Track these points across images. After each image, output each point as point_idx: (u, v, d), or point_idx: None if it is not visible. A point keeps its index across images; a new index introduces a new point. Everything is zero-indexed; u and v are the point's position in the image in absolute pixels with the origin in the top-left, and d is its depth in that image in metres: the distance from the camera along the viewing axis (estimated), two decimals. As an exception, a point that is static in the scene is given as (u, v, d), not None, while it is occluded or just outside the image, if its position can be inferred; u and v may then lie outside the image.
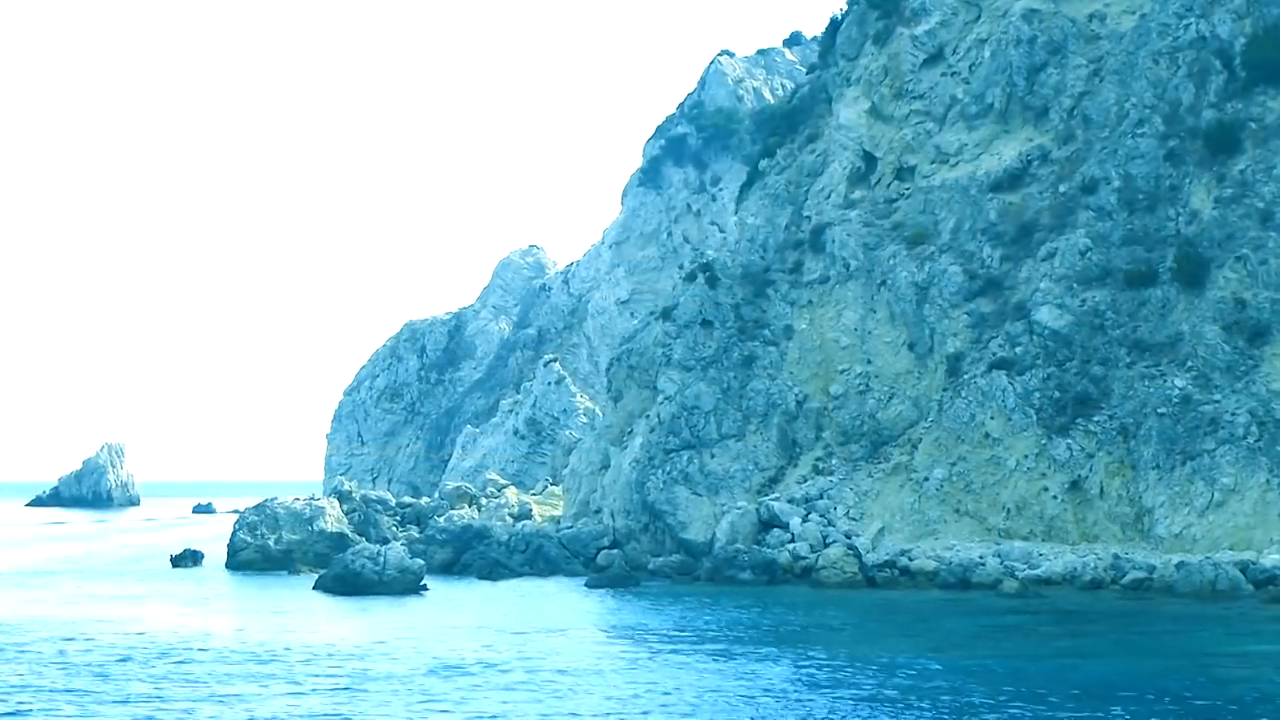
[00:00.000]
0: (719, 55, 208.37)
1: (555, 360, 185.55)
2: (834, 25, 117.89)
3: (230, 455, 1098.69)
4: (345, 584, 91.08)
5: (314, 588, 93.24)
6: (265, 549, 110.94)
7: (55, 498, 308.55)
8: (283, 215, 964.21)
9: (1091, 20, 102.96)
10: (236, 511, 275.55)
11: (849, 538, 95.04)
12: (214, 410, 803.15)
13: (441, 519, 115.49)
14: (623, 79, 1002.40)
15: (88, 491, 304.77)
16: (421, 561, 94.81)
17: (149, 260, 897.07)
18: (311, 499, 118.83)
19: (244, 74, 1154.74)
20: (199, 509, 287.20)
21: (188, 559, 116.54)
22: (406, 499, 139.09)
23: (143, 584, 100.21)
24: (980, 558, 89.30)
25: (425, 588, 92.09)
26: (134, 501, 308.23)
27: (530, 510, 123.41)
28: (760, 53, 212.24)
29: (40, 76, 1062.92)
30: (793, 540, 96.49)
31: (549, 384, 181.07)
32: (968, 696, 48.87)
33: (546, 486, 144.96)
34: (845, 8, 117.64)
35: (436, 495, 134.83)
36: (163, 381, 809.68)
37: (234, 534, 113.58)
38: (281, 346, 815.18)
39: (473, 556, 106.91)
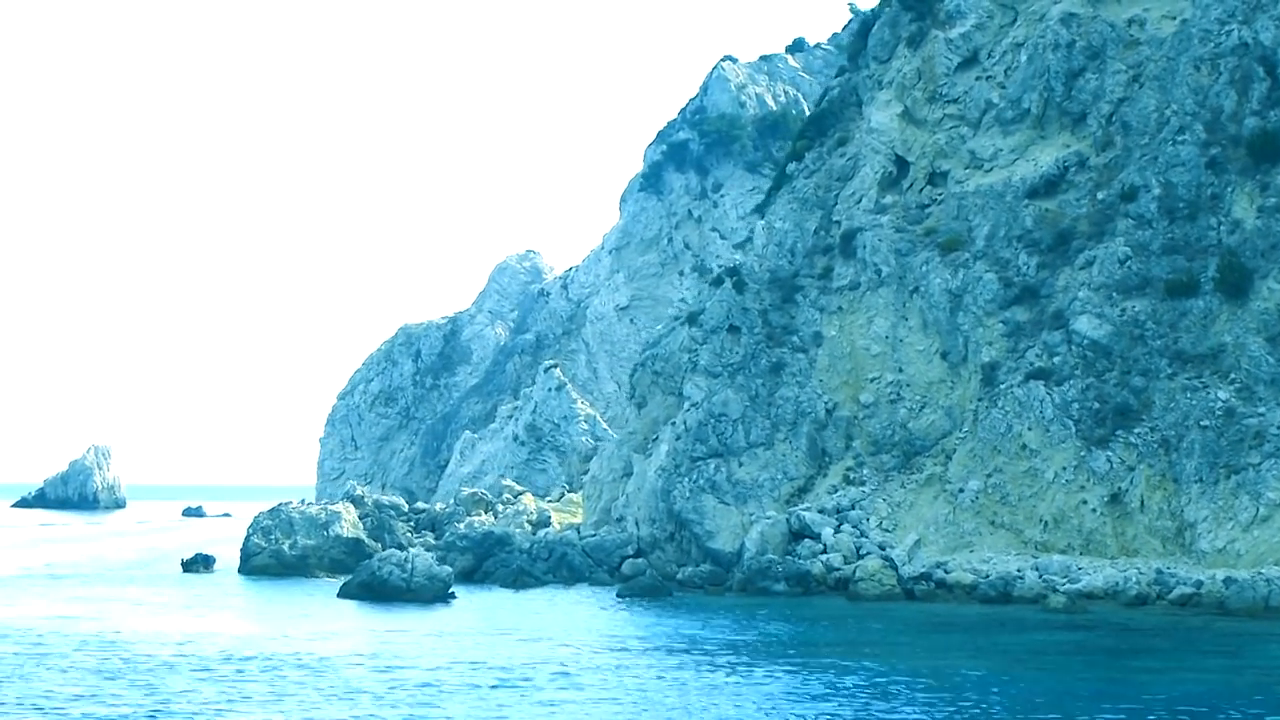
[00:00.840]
0: (721, 61, 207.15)
1: (556, 366, 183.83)
2: (865, 27, 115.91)
3: (217, 459, 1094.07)
4: (371, 591, 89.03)
5: (339, 594, 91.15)
6: (280, 554, 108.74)
7: (41, 499, 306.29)
8: (276, 216, 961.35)
9: (1131, 25, 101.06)
10: (227, 515, 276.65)
11: (883, 549, 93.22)
12: (202, 413, 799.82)
13: (461, 525, 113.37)
14: (621, 84, 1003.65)
15: (74, 493, 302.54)
16: (450, 569, 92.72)
17: (139, 261, 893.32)
18: (326, 504, 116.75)
19: (239, 75, 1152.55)
20: (189, 512, 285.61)
21: (199, 563, 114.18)
22: (420, 504, 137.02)
23: (160, 589, 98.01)
24: (1018, 571, 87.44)
25: (453, 595, 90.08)
26: (120, 504, 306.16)
27: (549, 517, 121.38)
28: (763, 59, 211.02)
29: (34, 76, 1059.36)
30: (825, 551, 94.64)
31: (549, 390, 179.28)
32: (1071, 716, 46.96)
33: (564, 493, 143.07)
34: (874, 10, 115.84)
35: (452, 501, 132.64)
36: (150, 383, 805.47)
37: (247, 538, 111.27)
38: (273, 350, 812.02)
39: (495, 564, 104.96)
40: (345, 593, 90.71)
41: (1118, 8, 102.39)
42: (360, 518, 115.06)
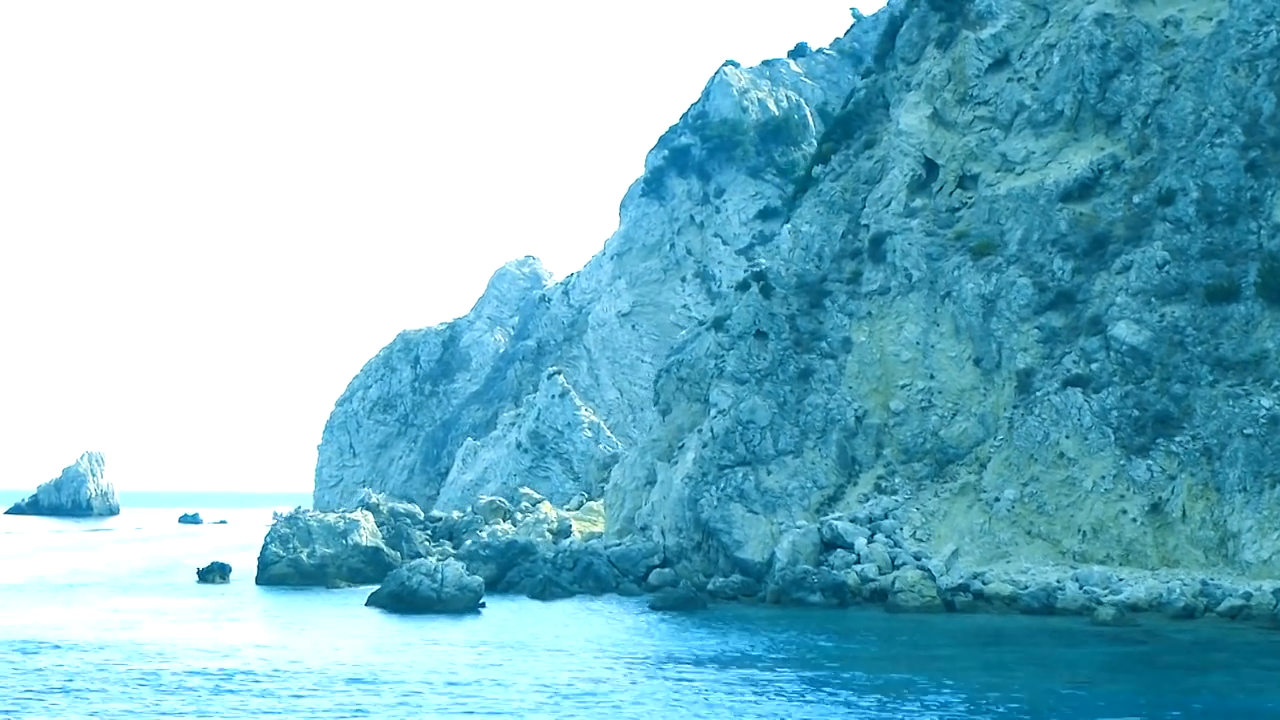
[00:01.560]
0: (724, 65, 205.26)
1: (559, 373, 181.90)
2: (892, 28, 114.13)
3: (209, 465, 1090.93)
4: (400, 601, 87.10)
5: (367, 604, 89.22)
6: (298, 563, 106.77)
7: (34, 506, 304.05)
8: (274, 221, 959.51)
9: (1166, 26, 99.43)
10: (223, 522, 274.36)
11: (918, 559, 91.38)
12: (196, 419, 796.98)
13: (483, 534, 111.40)
14: (622, 89, 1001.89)
15: (67, 500, 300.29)
16: (480, 579, 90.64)
17: (135, 265, 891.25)
18: (344, 512, 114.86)
19: (237, 80, 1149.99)
20: (185, 519, 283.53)
21: (215, 573, 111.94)
22: (436, 512, 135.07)
23: (183, 599, 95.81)
24: (1058, 582, 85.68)
25: (483, 606, 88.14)
26: (114, 511, 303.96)
27: (570, 526, 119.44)
28: (765, 63, 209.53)
29: (31, 77, 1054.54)
30: (858, 561, 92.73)
31: (552, 397, 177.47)
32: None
33: (583, 502, 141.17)
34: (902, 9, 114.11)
35: (470, 509, 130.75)
36: (144, 389, 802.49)
37: (265, 547, 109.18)
38: (269, 355, 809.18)
39: (519, 574, 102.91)
40: (373, 602, 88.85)
41: (1153, 8, 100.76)
42: (376, 525, 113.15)
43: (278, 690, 53.94)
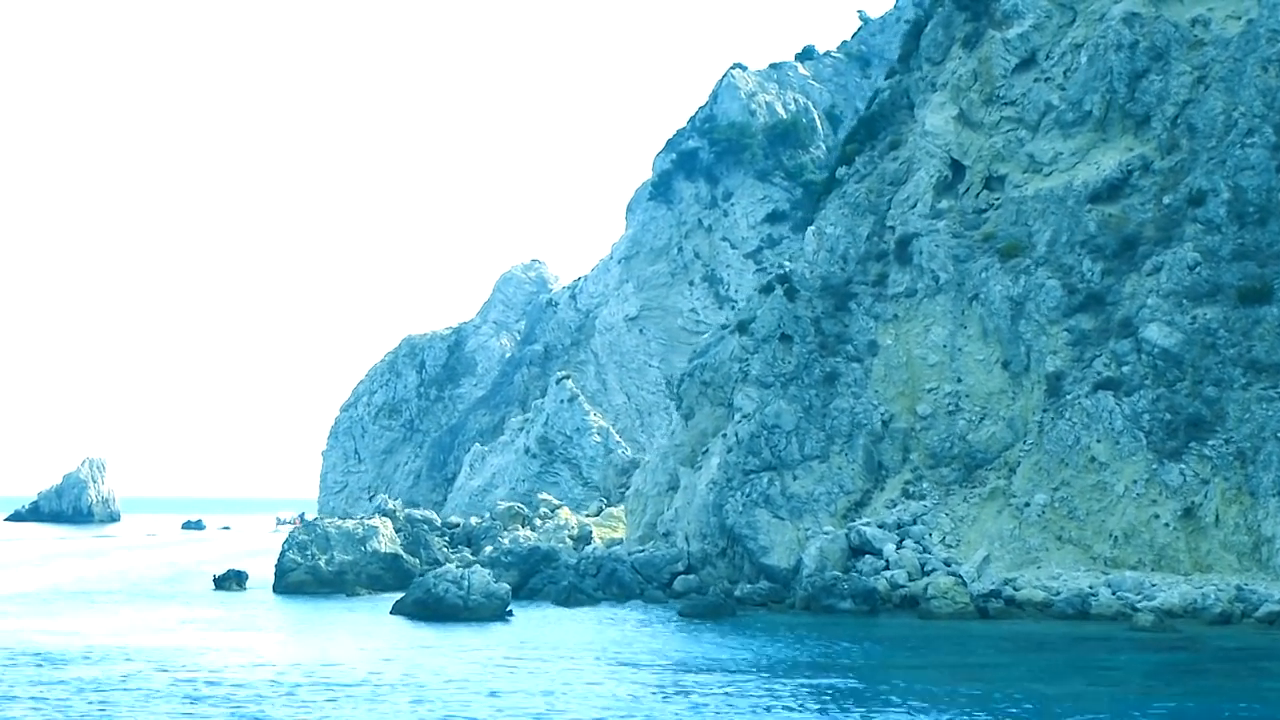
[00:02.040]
0: (731, 68, 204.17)
1: (568, 377, 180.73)
2: (916, 28, 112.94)
3: (212, 471, 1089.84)
4: (426, 609, 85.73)
5: (391, 611, 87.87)
6: (316, 570, 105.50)
7: (35, 512, 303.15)
8: (277, 224, 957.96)
9: (1195, 25, 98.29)
10: (226, 528, 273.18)
11: (948, 565, 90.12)
12: (199, 425, 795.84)
13: (505, 540, 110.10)
14: (629, 92, 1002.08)
15: (68, 506, 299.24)
16: (507, 586, 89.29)
17: (136, 270, 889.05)
18: (363, 518, 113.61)
19: (241, 83, 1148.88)
20: (189, 525, 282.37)
21: (231, 580, 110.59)
22: (454, 518, 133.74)
23: (202, 607, 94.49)
24: (1091, 588, 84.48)
25: (510, 613, 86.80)
26: (114, 517, 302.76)
27: (590, 532, 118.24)
28: (773, 66, 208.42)
29: (31, 78, 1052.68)
30: (888, 568, 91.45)
31: (561, 402, 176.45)
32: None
33: (602, 508, 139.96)
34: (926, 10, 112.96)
35: (488, 515, 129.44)
36: (146, 394, 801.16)
37: (283, 554, 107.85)
38: (271, 360, 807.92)
39: (542, 580, 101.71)
40: (399, 610, 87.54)
41: (1181, 8, 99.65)
42: (394, 532, 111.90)
43: (321, 701, 52.68)
